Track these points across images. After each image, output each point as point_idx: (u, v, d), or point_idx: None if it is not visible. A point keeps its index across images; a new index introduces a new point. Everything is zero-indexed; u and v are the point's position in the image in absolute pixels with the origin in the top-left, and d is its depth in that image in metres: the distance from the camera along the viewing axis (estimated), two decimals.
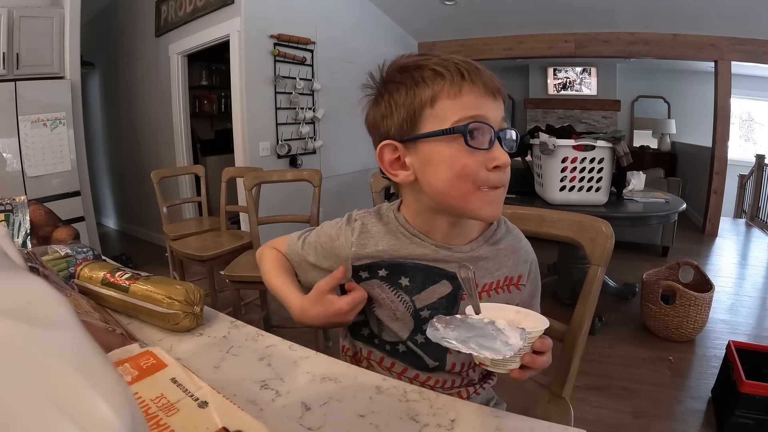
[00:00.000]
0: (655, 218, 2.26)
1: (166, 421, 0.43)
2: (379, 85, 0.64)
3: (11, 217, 1.22)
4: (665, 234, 3.43)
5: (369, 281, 0.68)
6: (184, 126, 3.50)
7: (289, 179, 2.12)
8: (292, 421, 0.50)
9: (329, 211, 3.79)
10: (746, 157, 5.53)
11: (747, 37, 3.83)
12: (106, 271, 0.78)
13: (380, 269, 0.67)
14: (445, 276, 0.66)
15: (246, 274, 1.75)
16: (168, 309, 0.69)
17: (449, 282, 0.66)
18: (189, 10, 3.24)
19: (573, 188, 2.21)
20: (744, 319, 2.47)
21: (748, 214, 4.96)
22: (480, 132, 0.58)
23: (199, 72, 4.38)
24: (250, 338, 0.69)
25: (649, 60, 4.83)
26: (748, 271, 3.37)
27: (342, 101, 3.87)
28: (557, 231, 0.83)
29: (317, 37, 3.51)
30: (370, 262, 0.68)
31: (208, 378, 0.53)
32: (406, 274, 0.66)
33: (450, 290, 0.66)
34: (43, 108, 2.72)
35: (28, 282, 0.22)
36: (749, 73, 4.90)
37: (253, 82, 3.08)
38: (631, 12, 3.74)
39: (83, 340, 0.21)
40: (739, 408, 1.48)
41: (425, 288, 0.66)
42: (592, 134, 2.29)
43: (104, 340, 0.59)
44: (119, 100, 4.16)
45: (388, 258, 0.67)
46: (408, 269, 0.66)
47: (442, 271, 0.66)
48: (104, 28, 4.06)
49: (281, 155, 3.33)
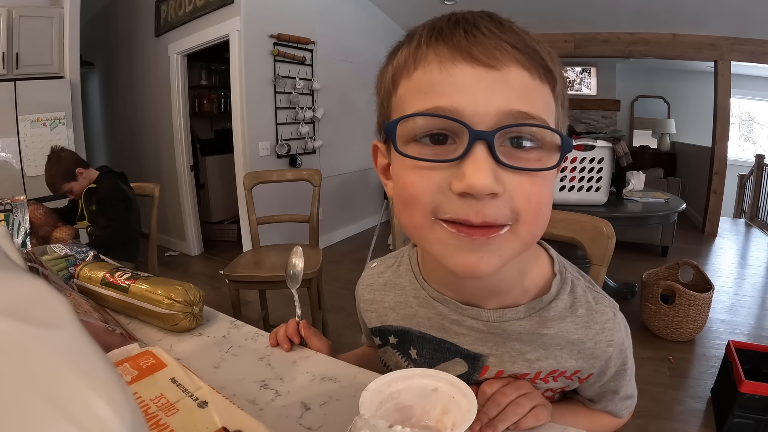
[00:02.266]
0: (655, 218, 2.26)
1: (165, 421, 0.43)
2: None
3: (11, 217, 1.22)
4: (665, 234, 3.43)
5: (383, 348, 0.58)
6: (183, 126, 3.50)
7: (288, 179, 2.12)
8: (291, 421, 0.50)
9: (329, 211, 3.80)
10: (746, 157, 5.53)
11: (747, 37, 3.83)
12: (106, 271, 0.78)
13: (390, 335, 0.55)
14: (458, 353, 0.49)
15: (246, 274, 1.75)
16: (167, 309, 0.69)
17: (465, 360, 0.49)
18: (189, 10, 3.24)
19: (573, 188, 2.21)
20: (744, 319, 2.47)
21: (747, 214, 4.96)
22: (426, 135, 0.36)
23: (198, 72, 4.37)
24: (250, 338, 0.69)
25: (649, 60, 4.83)
26: (747, 271, 3.37)
27: (342, 101, 3.87)
28: (558, 231, 0.83)
29: (317, 36, 3.51)
30: (380, 326, 0.56)
31: (208, 378, 0.53)
32: (413, 345, 0.53)
33: (465, 371, 0.49)
34: (42, 108, 2.72)
35: (27, 282, 0.22)
36: (749, 73, 4.90)
37: (252, 81, 3.08)
38: (631, 12, 3.74)
39: (83, 340, 0.21)
40: (739, 408, 1.48)
41: (435, 364, 0.51)
42: (592, 134, 2.29)
43: (104, 340, 0.59)
44: (119, 99, 4.16)
45: (396, 323, 0.54)
46: (414, 339, 0.52)
47: (452, 346, 0.49)
48: (104, 28, 4.06)
49: (281, 155, 3.33)
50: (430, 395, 0.45)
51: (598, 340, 0.46)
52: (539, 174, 0.36)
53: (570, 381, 0.49)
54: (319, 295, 1.93)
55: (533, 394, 0.45)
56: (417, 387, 0.46)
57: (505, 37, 0.34)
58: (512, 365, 0.47)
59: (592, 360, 0.47)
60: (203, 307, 0.74)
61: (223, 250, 3.81)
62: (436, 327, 0.49)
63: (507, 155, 0.35)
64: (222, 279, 1.96)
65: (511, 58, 0.34)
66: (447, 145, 0.36)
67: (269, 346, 0.65)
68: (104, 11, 3.99)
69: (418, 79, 0.36)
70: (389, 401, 0.45)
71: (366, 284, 0.58)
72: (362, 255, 2.87)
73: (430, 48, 0.36)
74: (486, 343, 0.48)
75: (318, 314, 1.92)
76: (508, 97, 0.34)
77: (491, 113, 0.34)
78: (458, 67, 0.34)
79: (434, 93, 0.35)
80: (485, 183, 0.33)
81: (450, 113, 0.34)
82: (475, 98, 0.34)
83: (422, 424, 0.45)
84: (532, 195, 0.36)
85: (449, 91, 0.34)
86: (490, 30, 0.34)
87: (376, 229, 2.98)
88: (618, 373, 0.50)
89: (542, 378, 0.48)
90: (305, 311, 0.79)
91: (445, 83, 0.35)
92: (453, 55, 0.34)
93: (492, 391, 0.44)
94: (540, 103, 0.36)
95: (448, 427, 0.43)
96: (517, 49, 0.34)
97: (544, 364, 0.47)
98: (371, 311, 0.57)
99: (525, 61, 0.35)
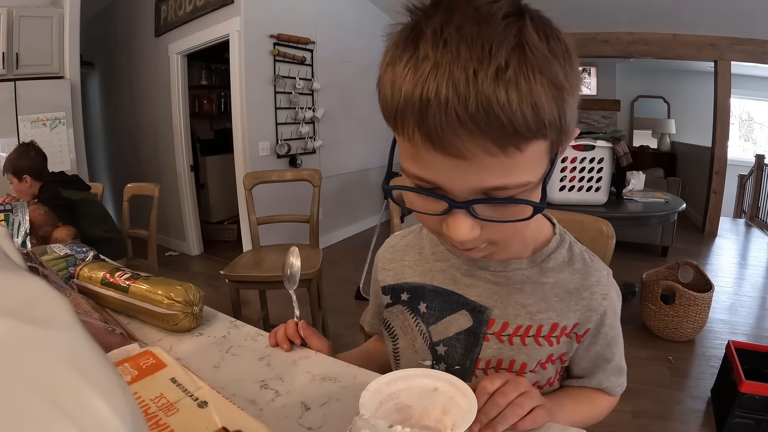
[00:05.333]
0: (655, 218, 2.26)
1: (165, 421, 0.43)
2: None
3: (11, 217, 1.22)
4: (665, 234, 3.43)
5: (392, 307, 0.61)
6: (183, 126, 3.50)
7: (288, 179, 2.12)
8: (291, 421, 0.50)
9: (329, 211, 3.80)
10: (746, 157, 5.53)
11: (747, 37, 3.83)
12: (106, 271, 0.78)
13: (403, 292, 0.60)
14: (464, 305, 0.54)
15: (246, 274, 1.75)
16: (167, 309, 0.69)
17: (470, 314, 0.53)
18: (189, 10, 3.24)
19: (573, 188, 2.21)
20: (743, 319, 2.47)
21: (747, 214, 4.96)
22: (422, 197, 0.42)
23: (198, 72, 4.37)
24: (250, 338, 0.69)
25: (649, 60, 4.83)
26: (747, 271, 3.37)
27: (342, 101, 3.87)
28: None
29: (317, 36, 3.51)
30: (394, 284, 0.61)
31: (208, 378, 0.53)
32: (424, 299, 0.57)
33: (470, 324, 0.53)
34: (42, 108, 2.72)
35: (27, 282, 0.22)
36: (749, 73, 4.90)
37: (252, 81, 3.08)
38: (631, 12, 3.74)
39: (83, 340, 0.21)
40: (739, 408, 1.48)
41: (442, 318, 0.55)
42: (592, 134, 2.29)
43: (104, 340, 0.59)
44: (119, 99, 4.16)
45: (411, 279, 0.59)
46: (426, 293, 0.57)
47: (460, 298, 0.54)
48: (104, 28, 4.06)
49: (281, 155, 3.33)
50: (430, 395, 0.45)
51: (594, 292, 0.52)
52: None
53: (569, 340, 0.53)
54: (319, 295, 1.93)
55: (532, 392, 0.45)
56: (417, 387, 0.46)
57: (477, 126, 0.34)
58: (515, 318, 0.52)
59: (588, 312, 0.51)
60: (203, 307, 0.74)
61: (223, 250, 3.81)
62: (449, 279, 0.55)
63: (487, 208, 0.41)
64: (222, 279, 1.96)
65: (480, 149, 0.36)
66: (437, 194, 0.41)
67: (269, 346, 0.65)
68: (104, 11, 3.99)
69: (403, 145, 0.40)
70: (389, 401, 0.45)
71: (388, 246, 0.64)
72: (362, 255, 2.87)
73: (409, 122, 0.37)
74: (492, 295, 0.53)
75: (318, 314, 1.92)
76: (481, 178, 0.38)
77: (467, 190, 0.39)
78: (431, 155, 0.37)
79: (420, 164, 0.39)
80: (462, 238, 0.41)
81: (432, 185, 0.40)
82: (452, 180, 0.39)
83: (422, 424, 0.45)
84: (506, 231, 0.43)
85: (430, 168, 0.39)
86: (460, 118, 0.34)
87: (376, 229, 2.97)
88: (611, 340, 0.55)
89: (545, 337, 0.52)
90: (305, 311, 0.79)
91: (427, 163, 0.38)
92: (426, 145, 0.37)
93: (493, 388, 0.44)
94: (519, 169, 0.38)
95: (448, 427, 0.43)
96: (488, 138, 0.35)
97: (544, 316, 0.51)
98: (389, 269, 0.62)
99: (496, 150, 0.36)
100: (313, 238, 1.99)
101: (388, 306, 0.62)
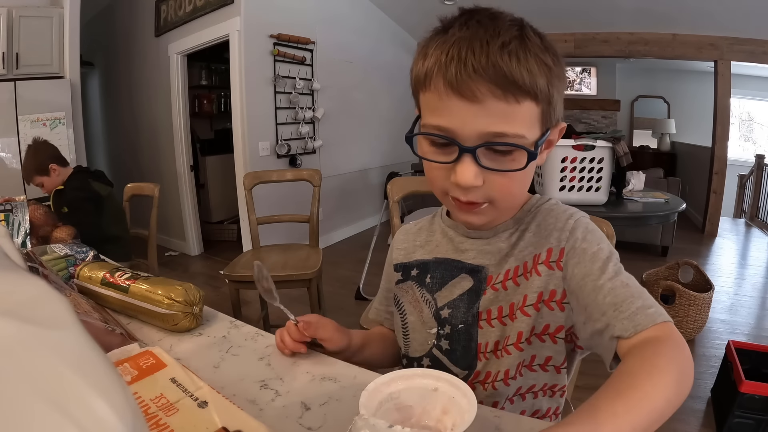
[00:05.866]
0: (655, 218, 2.26)
1: (165, 421, 0.43)
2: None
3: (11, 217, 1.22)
4: (665, 234, 3.43)
5: (402, 284, 0.68)
6: (183, 126, 3.50)
7: (288, 179, 2.12)
8: (291, 421, 0.50)
9: (329, 211, 3.80)
10: (746, 157, 5.53)
11: (747, 37, 3.83)
12: (106, 271, 0.78)
13: (413, 269, 0.67)
14: (463, 269, 0.61)
15: (246, 274, 1.75)
16: (167, 309, 0.69)
17: (470, 276, 0.61)
18: (189, 10, 3.24)
19: (573, 188, 2.21)
20: (744, 319, 2.47)
21: (747, 213, 4.96)
22: (434, 142, 0.52)
23: (198, 72, 4.37)
24: (250, 338, 0.69)
25: (649, 60, 4.83)
26: (747, 271, 3.37)
27: (342, 101, 3.87)
28: None
29: (317, 36, 3.51)
30: (405, 262, 0.68)
31: (208, 378, 0.53)
32: (430, 271, 0.65)
33: (471, 285, 0.61)
34: (42, 108, 2.72)
35: (27, 282, 0.22)
36: (749, 73, 4.90)
37: (252, 81, 3.08)
38: (631, 12, 3.74)
39: (83, 340, 0.21)
40: (739, 408, 1.48)
41: (445, 284, 0.62)
42: (592, 134, 2.29)
43: (104, 340, 0.59)
44: (119, 99, 4.16)
45: (420, 257, 0.67)
46: (431, 266, 0.65)
47: (460, 263, 0.62)
48: (104, 28, 4.06)
49: (281, 155, 3.33)
50: (430, 395, 0.45)
51: (562, 219, 0.58)
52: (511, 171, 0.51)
53: (551, 271, 0.56)
54: (319, 295, 1.93)
55: None
56: (417, 387, 0.46)
57: (486, 74, 0.46)
58: (505, 265, 0.59)
59: (557, 233, 0.57)
60: (203, 307, 0.74)
61: (223, 250, 3.81)
62: (451, 250, 0.63)
63: (488, 158, 0.50)
64: (222, 279, 1.96)
65: (488, 94, 0.47)
66: (448, 147, 0.51)
67: (276, 346, 0.65)
68: (104, 11, 3.99)
69: (428, 100, 0.51)
70: (389, 401, 0.45)
71: (403, 230, 0.74)
72: (362, 255, 2.87)
73: (437, 77, 0.49)
74: (485, 255, 0.61)
75: (318, 314, 1.91)
76: (488, 122, 0.48)
77: (474, 134, 0.49)
78: (452, 100, 0.48)
79: (438, 114, 0.50)
80: (467, 182, 0.50)
81: (446, 132, 0.50)
82: (463, 123, 0.49)
83: (422, 424, 0.45)
84: (504, 186, 0.52)
85: (446, 114, 0.49)
86: (475, 68, 0.46)
87: (376, 229, 2.98)
88: (593, 256, 0.52)
89: (530, 271, 0.57)
90: (305, 311, 0.80)
91: (444, 109, 0.49)
92: (447, 91, 0.48)
93: None
94: (516, 119, 0.49)
95: (448, 427, 0.43)
96: (494, 84, 0.46)
97: (526, 252, 0.58)
98: (402, 249, 0.71)
99: (500, 93, 0.47)
100: (313, 238, 1.99)
101: (398, 282, 0.69)
